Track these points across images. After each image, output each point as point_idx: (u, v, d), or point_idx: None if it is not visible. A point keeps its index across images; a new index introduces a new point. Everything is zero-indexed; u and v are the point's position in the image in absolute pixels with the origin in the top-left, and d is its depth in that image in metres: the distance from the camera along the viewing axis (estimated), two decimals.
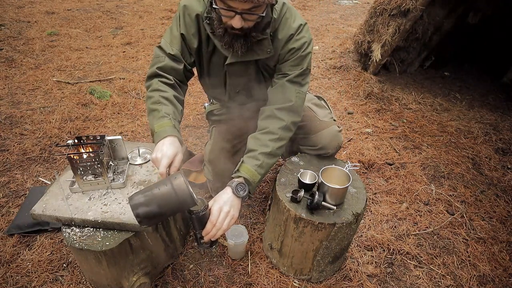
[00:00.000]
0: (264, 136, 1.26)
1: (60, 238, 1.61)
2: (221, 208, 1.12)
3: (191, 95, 3.03)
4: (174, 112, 1.21)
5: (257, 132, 1.30)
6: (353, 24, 5.32)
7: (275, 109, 1.28)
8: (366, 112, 2.89)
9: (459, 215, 1.90)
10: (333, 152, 1.53)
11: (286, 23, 1.25)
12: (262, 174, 1.23)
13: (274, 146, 1.24)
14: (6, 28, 4.19)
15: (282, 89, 1.28)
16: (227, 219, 1.12)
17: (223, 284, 1.44)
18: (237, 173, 1.21)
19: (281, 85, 1.28)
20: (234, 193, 1.15)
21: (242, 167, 1.21)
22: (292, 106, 1.28)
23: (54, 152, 2.18)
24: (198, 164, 2.03)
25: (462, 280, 1.54)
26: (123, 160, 1.47)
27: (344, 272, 1.51)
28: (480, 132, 2.67)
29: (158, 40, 4.23)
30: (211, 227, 1.10)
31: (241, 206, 1.20)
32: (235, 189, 1.16)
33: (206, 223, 1.11)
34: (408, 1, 2.86)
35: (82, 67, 3.41)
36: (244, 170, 1.20)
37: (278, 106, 1.28)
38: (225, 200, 1.14)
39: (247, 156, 1.24)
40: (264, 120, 1.30)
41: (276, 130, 1.26)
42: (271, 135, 1.26)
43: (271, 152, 1.24)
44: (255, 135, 1.30)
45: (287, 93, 1.28)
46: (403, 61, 3.58)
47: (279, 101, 1.29)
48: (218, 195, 1.16)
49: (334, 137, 1.50)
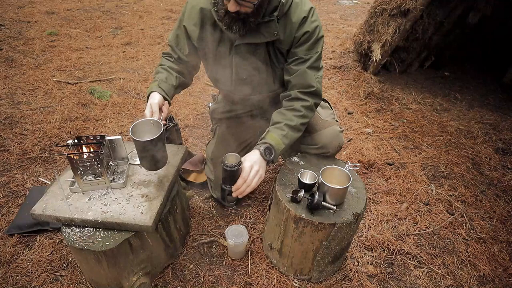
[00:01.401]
0: (289, 112, 1.35)
1: (60, 238, 1.61)
2: (252, 166, 1.22)
3: (191, 95, 3.03)
4: (166, 78, 1.41)
5: (282, 108, 1.39)
6: (353, 24, 5.33)
7: (298, 91, 1.36)
8: (366, 112, 2.89)
9: (459, 215, 1.90)
10: (334, 152, 1.53)
11: (298, 7, 1.30)
12: (286, 144, 1.32)
13: (298, 121, 1.34)
14: (6, 28, 4.19)
15: (303, 75, 1.35)
16: (256, 177, 1.22)
17: (223, 284, 1.44)
18: (263, 140, 1.30)
19: (302, 72, 1.35)
20: (261, 156, 1.26)
21: (268, 135, 1.31)
22: (315, 91, 1.37)
23: (54, 152, 2.18)
24: (198, 164, 2.03)
25: (462, 280, 1.54)
26: (123, 160, 1.47)
27: (344, 272, 1.51)
28: (480, 132, 2.67)
29: (158, 40, 4.23)
30: (242, 183, 1.21)
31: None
32: (263, 152, 1.26)
33: (237, 179, 1.20)
34: (408, 1, 2.86)
35: (82, 67, 3.41)
36: (270, 138, 1.30)
37: (302, 90, 1.36)
38: (255, 160, 1.24)
39: (273, 127, 1.34)
40: (289, 101, 1.39)
41: (301, 108, 1.35)
42: (296, 111, 1.35)
43: (295, 126, 1.33)
44: (280, 110, 1.39)
45: (308, 79, 1.35)
46: (403, 61, 3.58)
47: (302, 86, 1.36)
48: (248, 155, 1.26)
49: (336, 137, 1.51)
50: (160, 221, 1.31)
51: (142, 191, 1.33)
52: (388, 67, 3.60)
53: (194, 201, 1.88)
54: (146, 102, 1.33)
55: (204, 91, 3.10)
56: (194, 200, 1.89)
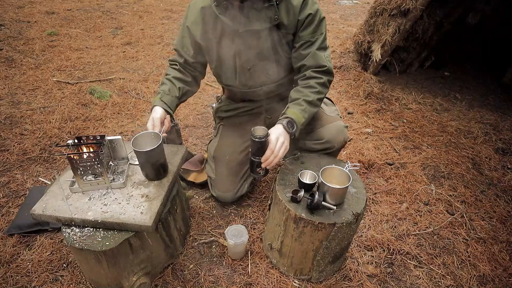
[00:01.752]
0: (306, 89, 1.43)
1: (60, 238, 1.61)
2: (277, 138, 1.29)
3: None
4: (169, 89, 1.49)
5: (298, 86, 1.46)
6: (353, 24, 5.33)
7: (312, 71, 1.44)
8: (366, 112, 2.89)
9: (459, 215, 1.90)
10: (338, 147, 1.56)
11: None
12: (305, 118, 1.39)
13: (315, 97, 1.41)
14: (6, 28, 4.19)
15: (314, 57, 1.42)
16: (282, 148, 1.29)
17: (223, 284, 1.44)
18: (284, 115, 1.37)
19: (312, 55, 1.42)
20: (285, 129, 1.33)
21: (289, 111, 1.38)
22: (328, 69, 1.44)
23: (54, 152, 2.18)
24: (198, 164, 2.03)
25: (462, 280, 1.54)
26: (123, 160, 1.47)
27: (344, 272, 1.51)
28: (480, 132, 2.67)
29: (158, 40, 4.23)
30: (270, 154, 1.27)
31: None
32: (286, 125, 1.33)
33: (265, 150, 1.27)
34: (408, 1, 2.86)
35: (82, 67, 3.41)
36: (291, 113, 1.37)
37: (315, 69, 1.44)
38: (280, 132, 1.31)
39: (292, 103, 1.41)
40: (304, 80, 1.46)
41: (316, 85, 1.42)
42: (312, 88, 1.42)
43: (312, 101, 1.40)
44: (297, 88, 1.46)
45: (319, 60, 1.42)
46: (403, 61, 3.58)
47: (315, 66, 1.44)
48: (272, 129, 1.32)
49: (340, 132, 1.56)
50: (160, 221, 1.31)
51: (142, 191, 1.33)
52: (388, 67, 3.60)
53: (194, 201, 1.88)
54: (149, 114, 1.43)
55: (204, 91, 3.10)
56: (194, 200, 1.89)
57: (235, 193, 1.73)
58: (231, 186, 1.72)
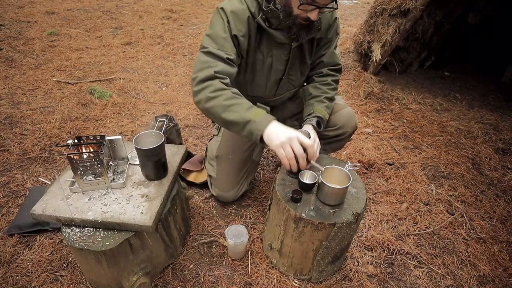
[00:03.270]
0: (324, 86, 1.55)
1: (60, 238, 1.61)
2: (314, 139, 1.36)
3: (191, 95, 3.03)
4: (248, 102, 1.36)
5: (316, 83, 1.57)
6: (353, 24, 5.32)
7: (328, 69, 1.58)
8: (366, 112, 2.89)
9: (459, 215, 1.90)
10: (351, 131, 1.64)
11: None
12: (328, 114, 1.52)
13: (332, 93, 1.56)
14: (6, 28, 4.19)
15: (332, 56, 1.56)
16: (318, 148, 1.36)
17: (223, 284, 1.44)
18: (312, 114, 1.47)
19: (331, 53, 1.56)
20: (314, 128, 1.43)
21: (315, 109, 1.48)
22: (341, 67, 1.62)
23: (54, 152, 2.18)
24: (198, 164, 2.03)
25: (462, 280, 1.54)
26: (123, 160, 1.47)
27: (344, 272, 1.51)
28: (480, 132, 2.67)
29: (158, 40, 4.23)
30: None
31: None
32: (315, 125, 1.44)
33: None
34: (408, 1, 2.86)
35: (82, 67, 3.41)
36: (317, 110, 1.48)
37: (331, 67, 1.58)
38: (314, 133, 1.40)
39: (315, 100, 1.52)
40: (321, 77, 1.58)
41: (332, 82, 1.57)
42: (329, 85, 1.56)
43: (331, 98, 1.55)
44: (315, 84, 1.57)
45: (336, 58, 1.58)
46: (403, 61, 3.58)
47: (332, 64, 1.58)
48: (308, 131, 1.39)
49: (352, 117, 1.63)
50: (160, 221, 1.31)
51: (142, 191, 1.33)
52: (388, 67, 3.60)
53: (194, 201, 1.88)
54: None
55: None
56: (194, 200, 1.89)
57: (236, 192, 1.73)
58: (233, 185, 1.72)
